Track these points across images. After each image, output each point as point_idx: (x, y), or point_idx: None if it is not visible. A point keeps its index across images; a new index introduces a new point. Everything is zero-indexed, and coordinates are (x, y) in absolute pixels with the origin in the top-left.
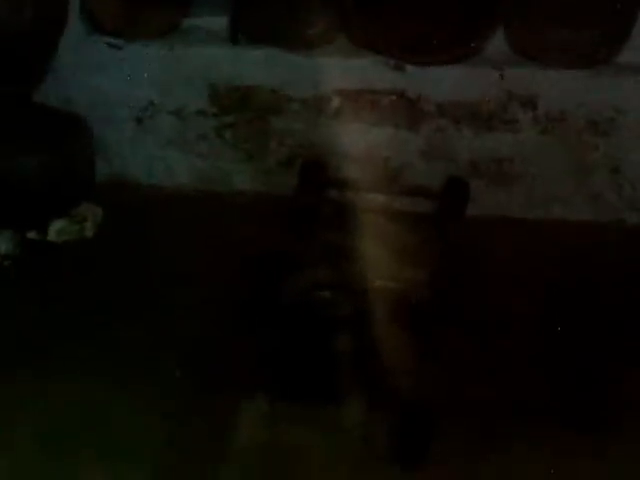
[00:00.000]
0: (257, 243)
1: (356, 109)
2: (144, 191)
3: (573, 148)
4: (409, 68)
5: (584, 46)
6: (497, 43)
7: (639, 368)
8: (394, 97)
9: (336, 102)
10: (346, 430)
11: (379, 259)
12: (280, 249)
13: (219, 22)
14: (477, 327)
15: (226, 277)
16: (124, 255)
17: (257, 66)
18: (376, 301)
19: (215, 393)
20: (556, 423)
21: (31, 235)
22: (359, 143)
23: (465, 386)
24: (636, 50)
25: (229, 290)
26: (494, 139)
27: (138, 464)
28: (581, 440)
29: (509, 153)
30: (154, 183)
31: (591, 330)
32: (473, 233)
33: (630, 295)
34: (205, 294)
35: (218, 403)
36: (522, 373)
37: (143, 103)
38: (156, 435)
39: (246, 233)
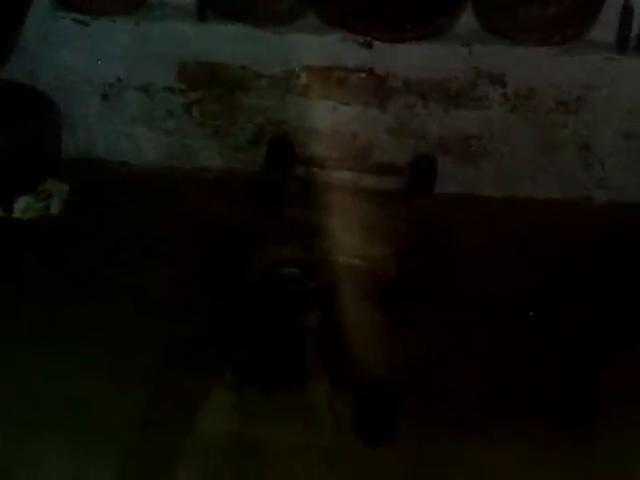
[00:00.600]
0: (224, 219)
1: (324, 86)
2: (110, 167)
3: (542, 126)
4: (377, 45)
5: (553, 23)
6: (466, 20)
7: (611, 344)
8: (362, 74)
9: (304, 79)
10: (313, 408)
11: (346, 236)
12: (247, 225)
13: None
14: (444, 304)
15: (193, 253)
16: (90, 232)
17: (225, 42)
18: (342, 278)
19: (184, 372)
20: (526, 405)
21: None
22: (327, 120)
23: (432, 364)
24: (605, 27)
25: (197, 266)
26: (462, 116)
27: (105, 442)
28: (552, 419)
29: (477, 130)
30: (121, 159)
31: (561, 307)
32: (441, 210)
33: (600, 273)
34: (172, 271)
35: (186, 382)
36: (491, 351)
37: (110, 79)
38: (124, 413)
39: (213, 209)
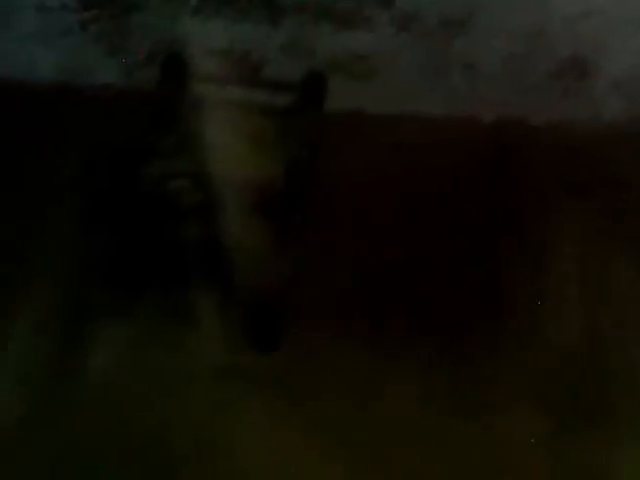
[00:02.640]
0: (119, 136)
1: (217, 5)
2: (5, 86)
3: (428, 46)
4: None
5: None
6: None
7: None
8: None
9: None
10: (201, 323)
11: (237, 150)
12: (140, 141)
13: None
14: (330, 222)
15: (86, 169)
16: None
17: None
18: (231, 192)
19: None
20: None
21: None
22: (220, 38)
23: (316, 278)
24: None
25: (87, 182)
26: (352, 37)
27: None
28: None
29: (366, 50)
30: (15, 78)
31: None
32: (330, 126)
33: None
34: (63, 187)
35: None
36: (373, 263)
37: None
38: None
39: (108, 126)
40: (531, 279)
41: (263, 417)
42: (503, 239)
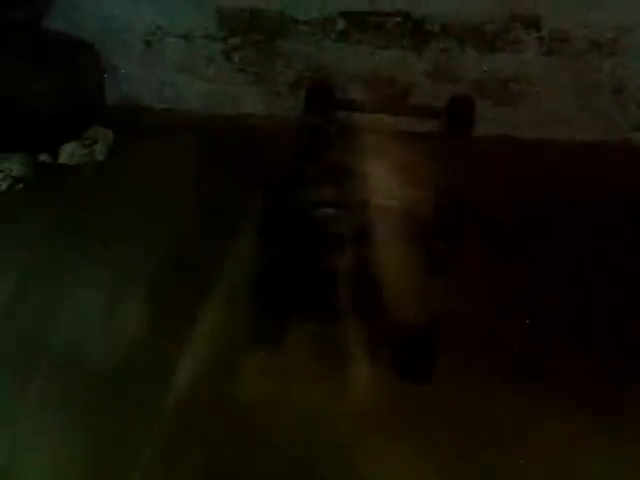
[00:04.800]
0: (265, 163)
1: (361, 31)
2: (154, 114)
3: (577, 68)
4: None
5: None
6: None
7: None
8: (399, 19)
9: (342, 24)
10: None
11: (383, 178)
12: (288, 169)
13: None
14: (482, 248)
15: (236, 196)
16: (134, 177)
17: None
18: (378, 219)
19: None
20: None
21: (43, 158)
22: (365, 65)
23: (470, 306)
24: None
25: (238, 209)
26: (499, 60)
27: None
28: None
29: (514, 74)
30: (163, 106)
31: (594, 249)
32: (479, 152)
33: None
34: (214, 214)
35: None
36: (533, 298)
37: (151, 27)
38: None
39: (254, 154)
40: None
41: (403, 451)
42: None
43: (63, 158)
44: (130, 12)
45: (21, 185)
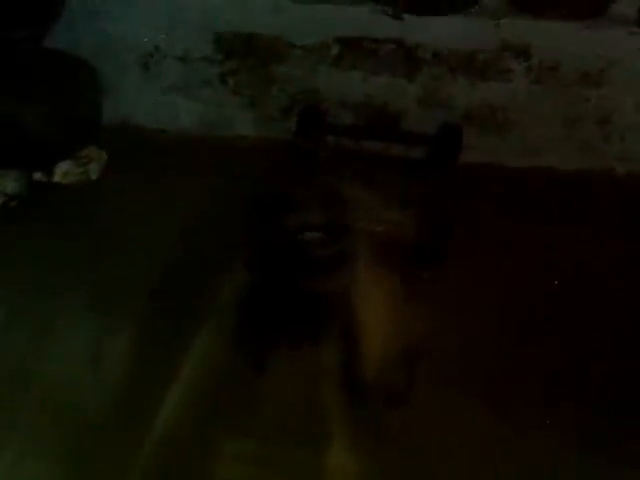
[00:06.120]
0: (256, 186)
1: (355, 57)
2: (149, 135)
3: (565, 98)
4: (407, 17)
5: None
6: None
7: None
8: (392, 45)
9: (336, 49)
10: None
11: (371, 203)
12: (278, 191)
13: None
14: (465, 273)
15: (227, 217)
16: (127, 197)
17: (259, 13)
18: (364, 243)
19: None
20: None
21: (37, 176)
22: (357, 90)
23: (451, 331)
24: (629, 2)
25: (229, 230)
26: (488, 88)
27: None
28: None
29: (503, 102)
30: (158, 127)
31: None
32: (465, 178)
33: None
34: (204, 233)
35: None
36: (510, 322)
37: (149, 48)
38: None
39: (246, 176)
40: None
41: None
42: None
43: (57, 177)
44: (128, 33)
45: (15, 202)
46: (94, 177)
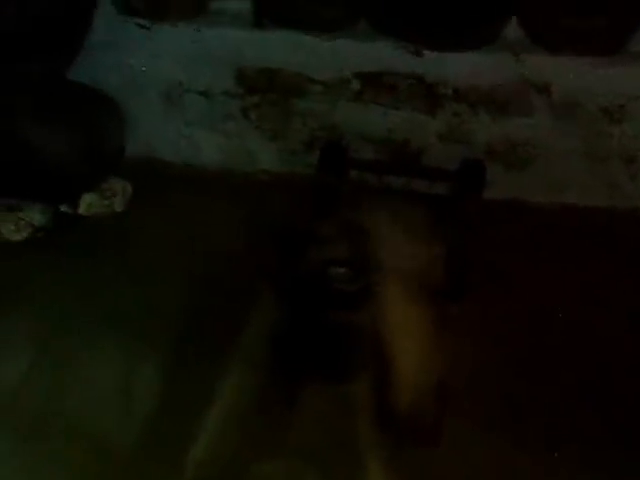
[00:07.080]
0: (279, 220)
1: (376, 92)
2: (172, 168)
3: (587, 135)
4: (427, 53)
5: (598, 34)
6: (514, 29)
7: None
8: (413, 81)
9: (356, 85)
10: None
11: (395, 238)
12: (301, 226)
13: (244, 5)
14: (491, 310)
15: (249, 251)
16: (151, 229)
17: (280, 49)
18: (390, 279)
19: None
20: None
21: (63, 208)
22: (379, 125)
23: (480, 367)
24: None
25: (252, 263)
26: (510, 124)
27: None
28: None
29: (524, 138)
30: (182, 160)
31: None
32: (488, 215)
33: None
34: (228, 268)
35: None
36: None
37: (172, 83)
38: None
39: (269, 210)
40: None
41: None
42: None
43: (83, 209)
44: (152, 67)
45: (41, 234)
46: (119, 209)
